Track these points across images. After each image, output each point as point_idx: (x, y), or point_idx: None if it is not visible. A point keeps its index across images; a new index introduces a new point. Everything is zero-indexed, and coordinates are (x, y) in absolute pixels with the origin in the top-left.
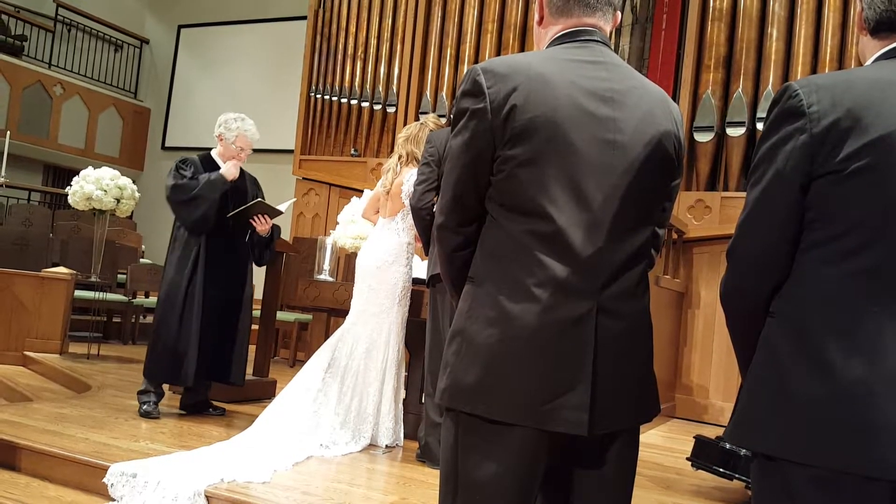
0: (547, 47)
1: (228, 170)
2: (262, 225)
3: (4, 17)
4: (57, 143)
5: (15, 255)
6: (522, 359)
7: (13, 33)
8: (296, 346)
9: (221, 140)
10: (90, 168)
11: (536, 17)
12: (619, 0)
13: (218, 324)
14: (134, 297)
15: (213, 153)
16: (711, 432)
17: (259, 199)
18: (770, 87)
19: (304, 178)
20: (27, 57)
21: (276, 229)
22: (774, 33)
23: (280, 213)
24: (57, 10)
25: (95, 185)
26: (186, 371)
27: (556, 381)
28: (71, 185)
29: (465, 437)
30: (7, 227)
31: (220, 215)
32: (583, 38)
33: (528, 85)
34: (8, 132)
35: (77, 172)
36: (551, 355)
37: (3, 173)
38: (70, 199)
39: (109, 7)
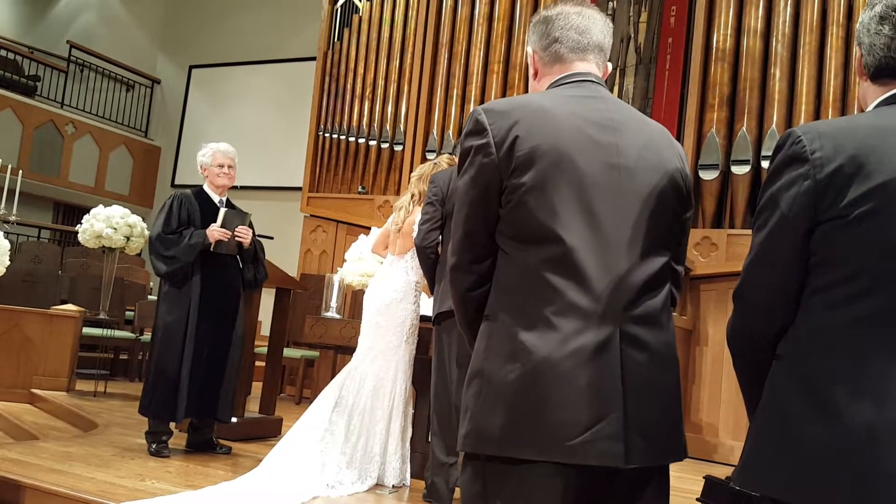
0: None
1: (212, 233)
2: (244, 237)
3: (18, 57)
4: (68, 180)
5: (24, 292)
6: (547, 392)
7: (27, 74)
8: (302, 384)
9: (204, 170)
10: (101, 206)
11: (531, 72)
12: (608, 45)
13: (208, 361)
14: (141, 333)
15: (205, 187)
16: (721, 472)
17: (225, 210)
18: (774, 125)
19: (311, 216)
20: (40, 97)
21: (258, 244)
22: (777, 73)
23: (248, 214)
24: (70, 50)
25: (106, 223)
26: (179, 409)
27: (586, 411)
28: (81, 223)
29: (493, 483)
30: (16, 264)
31: (207, 252)
32: (578, 80)
33: (529, 118)
34: (20, 171)
35: (87, 210)
36: (577, 385)
37: (14, 211)
38: (80, 238)
39: (122, 48)
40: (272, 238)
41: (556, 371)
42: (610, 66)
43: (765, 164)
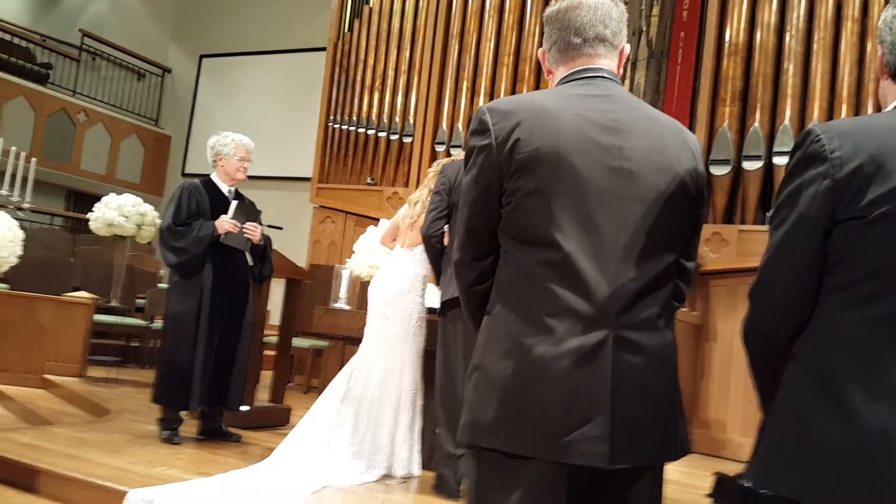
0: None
1: (222, 224)
2: (253, 234)
3: (31, 45)
4: (79, 168)
5: (37, 278)
6: (538, 391)
7: (39, 61)
8: (310, 373)
9: (220, 159)
10: (112, 195)
11: (544, 70)
12: (619, 31)
13: (218, 349)
14: (152, 321)
15: (214, 177)
16: (730, 468)
17: (237, 203)
18: (787, 121)
19: (320, 206)
20: (52, 85)
21: (267, 239)
22: (791, 68)
23: (259, 211)
24: (82, 39)
25: (117, 211)
26: (192, 397)
27: (574, 412)
28: (93, 211)
29: (486, 474)
30: (29, 251)
31: (217, 242)
32: (588, 76)
33: (530, 119)
34: (33, 158)
35: (98, 197)
36: (568, 386)
37: (27, 198)
38: (91, 226)
39: (133, 37)
40: (281, 228)
41: (548, 371)
42: (628, 47)
43: (776, 159)
